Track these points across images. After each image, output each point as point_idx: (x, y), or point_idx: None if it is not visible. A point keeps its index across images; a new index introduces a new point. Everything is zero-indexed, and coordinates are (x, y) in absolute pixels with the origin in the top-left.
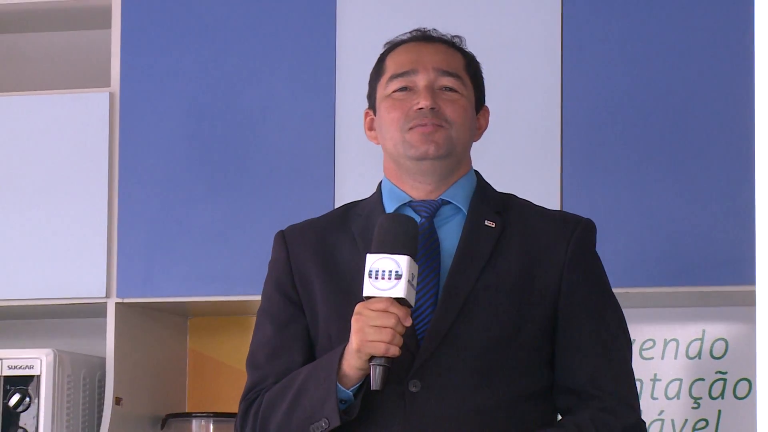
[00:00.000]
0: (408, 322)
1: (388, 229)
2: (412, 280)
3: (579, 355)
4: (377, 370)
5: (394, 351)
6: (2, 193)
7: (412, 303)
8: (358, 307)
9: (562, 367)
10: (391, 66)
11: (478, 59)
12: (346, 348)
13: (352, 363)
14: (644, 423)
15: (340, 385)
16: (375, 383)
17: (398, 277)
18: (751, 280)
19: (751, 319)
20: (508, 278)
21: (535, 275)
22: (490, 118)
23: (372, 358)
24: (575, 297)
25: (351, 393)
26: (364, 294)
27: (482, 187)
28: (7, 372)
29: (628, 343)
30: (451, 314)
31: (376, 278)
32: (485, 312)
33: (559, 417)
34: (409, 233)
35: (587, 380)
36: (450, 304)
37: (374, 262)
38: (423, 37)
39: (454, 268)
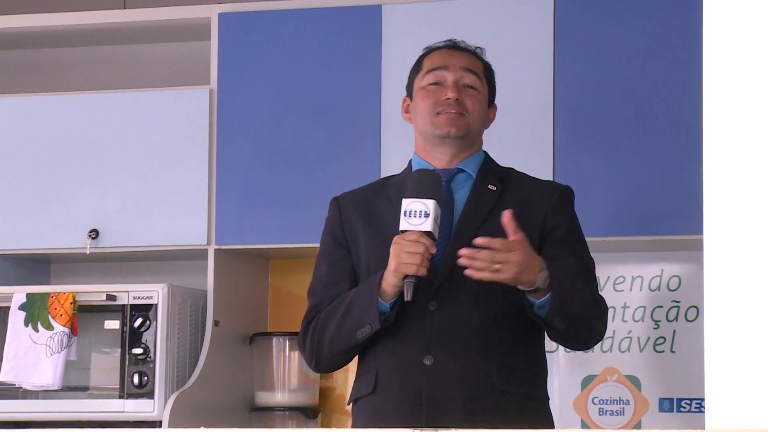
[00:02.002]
0: (433, 250)
1: (419, 180)
2: (437, 219)
3: (558, 263)
4: (410, 286)
5: (423, 271)
6: (127, 165)
7: (437, 236)
8: (396, 238)
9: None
10: (428, 64)
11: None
12: (385, 271)
13: (390, 281)
14: (607, 308)
15: (380, 300)
16: (407, 295)
17: (426, 215)
18: (699, 230)
19: (698, 260)
20: (502, 227)
21: (524, 223)
22: (501, 108)
23: (405, 276)
24: (555, 235)
25: (388, 306)
26: (401, 228)
27: (488, 161)
28: (132, 301)
29: (592, 262)
30: (463, 245)
31: (410, 216)
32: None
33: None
34: (435, 183)
35: (563, 271)
36: (459, 243)
37: (409, 204)
38: (454, 46)
39: (462, 218)
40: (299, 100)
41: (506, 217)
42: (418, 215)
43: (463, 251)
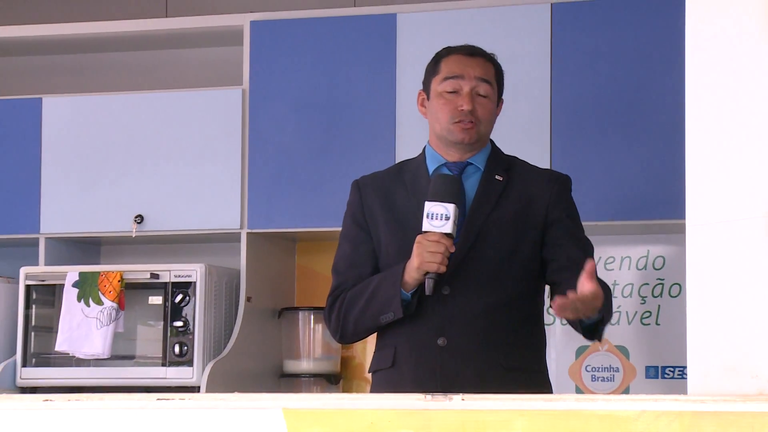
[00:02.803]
0: (452, 249)
1: (441, 185)
2: (456, 220)
3: (561, 249)
4: (431, 282)
5: (443, 269)
6: (169, 157)
7: (455, 237)
8: (419, 238)
9: (551, 260)
10: (445, 69)
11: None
12: (407, 264)
13: (412, 275)
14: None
15: (402, 290)
16: (428, 290)
17: (447, 218)
18: (681, 216)
19: (681, 243)
20: (510, 214)
21: (528, 212)
22: (504, 105)
23: (426, 273)
24: (558, 224)
25: (409, 295)
26: (423, 229)
27: (495, 152)
28: (173, 279)
29: (591, 246)
30: (471, 238)
31: (432, 219)
32: (493, 237)
33: (548, 288)
34: (455, 189)
35: (568, 260)
36: (470, 232)
37: (431, 207)
38: (470, 52)
39: (472, 208)
40: (322, 98)
41: (590, 266)
42: (439, 218)
43: (559, 300)
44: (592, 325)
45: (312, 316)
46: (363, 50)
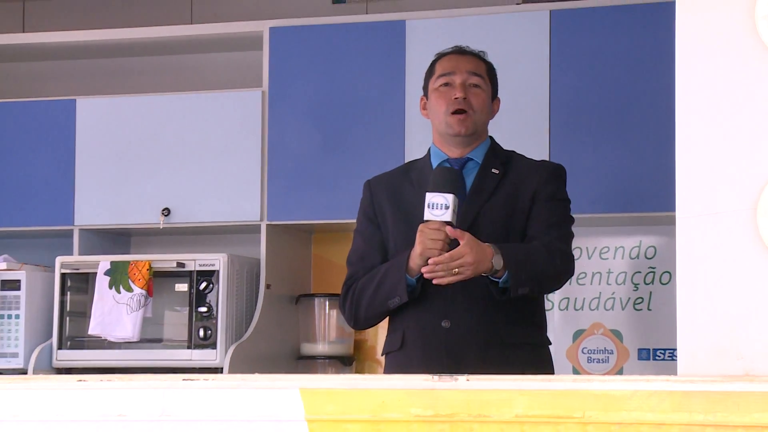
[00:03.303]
0: (452, 236)
1: (440, 177)
2: (456, 209)
3: (537, 224)
4: None
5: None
6: (193, 154)
7: (455, 224)
8: (421, 227)
9: (530, 232)
10: (439, 69)
11: (494, 63)
12: (411, 252)
13: (416, 261)
14: (571, 255)
15: (407, 276)
16: None
17: (447, 208)
18: (671, 208)
19: (671, 234)
20: (503, 203)
21: (518, 196)
22: (505, 104)
23: (428, 259)
24: (538, 200)
25: (414, 280)
26: (425, 218)
27: (493, 147)
28: (198, 268)
29: (569, 225)
30: (466, 227)
31: (432, 208)
32: (486, 226)
33: None
34: (454, 180)
35: (542, 231)
36: (465, 222)
37: (431, 197)
38: (460, 51)
39: (468, 199)
40: (337, 98)
41: (449, 230)
42: (439, 207)
43: (424, 269)
44: (505, 288)
45: (327, 303)
46: (374, 54)
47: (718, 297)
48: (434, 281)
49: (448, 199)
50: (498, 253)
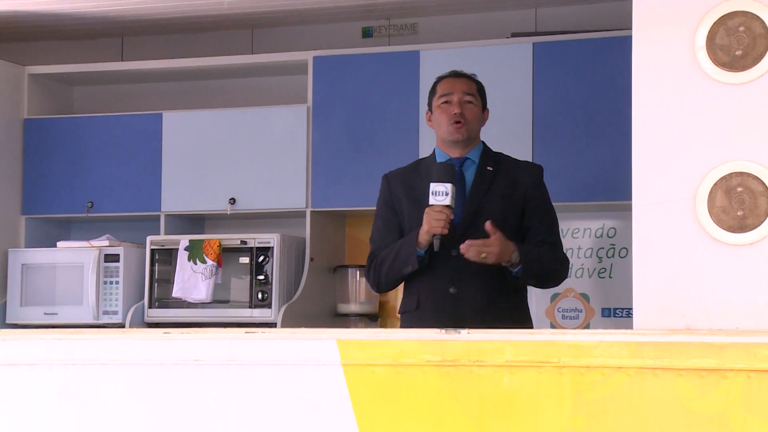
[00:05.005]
0: (452, 216)
1: (440, 171)
2: (453, 195)
3: (534, 230)
4: (437, 241)
5: (445, 231)
6: (254, 155)
7: (454, 207)
8: (427, 210)
9: (526, 227)
10: (440, 89)
11: (483, 82)
12: (420, 230)
13: (424, 237)
14: (568, 261)
15: (417, 249)
16: (436, 247)
17: (446, 194)
18: (629, 197)
19: (629, 218)
20: (499, 195)
21: (513, 192)
22: (497, 116)
23: (434, 235)
24: (531, 206)
25: (422, 252)
26: (429, 203)
27: (486, 150)
28: (257, 245)
29: (556, 224)
30: (470, 212)
31: (435, 195)
32: (487, 213)
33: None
34: (451, 173)
35: (539, 237)
36: (469, 209)
37: (434, 187)
38: (456, 74)
39: (471, 192)
40: (365, 112)
41: (488, 225)
42: (441, 194)
43: (463, 245)
44: (520, 276)
45: (358, 272)
46: (394, 77)
47: (665, 268)
48: (466, 256)
49: (448, 187)
50: (516, 251)
